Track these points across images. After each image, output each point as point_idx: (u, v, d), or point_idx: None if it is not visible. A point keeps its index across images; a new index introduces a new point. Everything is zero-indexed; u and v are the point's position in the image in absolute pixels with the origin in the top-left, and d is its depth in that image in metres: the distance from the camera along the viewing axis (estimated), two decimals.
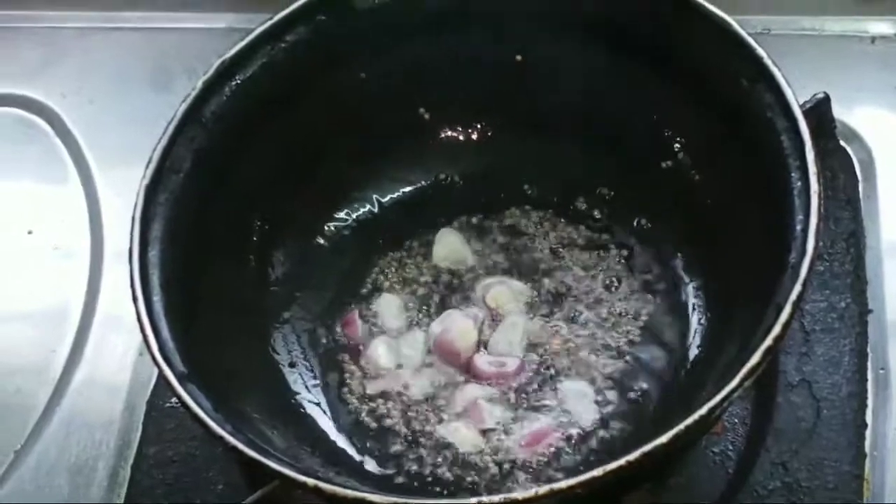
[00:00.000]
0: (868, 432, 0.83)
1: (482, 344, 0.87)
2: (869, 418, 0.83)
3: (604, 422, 0.81)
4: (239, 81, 0.84)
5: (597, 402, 0.82)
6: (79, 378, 0.96)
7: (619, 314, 0.86)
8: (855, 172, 0.95)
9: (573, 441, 0.81)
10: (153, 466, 0.89)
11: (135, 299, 0.75)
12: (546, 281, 0.89)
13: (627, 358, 0.84)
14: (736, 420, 0.84)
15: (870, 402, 0.84)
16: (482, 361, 0.85)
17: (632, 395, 0.82)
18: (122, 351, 0.97)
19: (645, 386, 0.83)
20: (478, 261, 0.91)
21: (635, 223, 0.90)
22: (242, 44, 0.85)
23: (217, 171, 0.83)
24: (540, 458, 0.80)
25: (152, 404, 0.92)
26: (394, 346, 0.87)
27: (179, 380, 0.71)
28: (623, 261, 0.89)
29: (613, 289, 0.88)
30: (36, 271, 1.04)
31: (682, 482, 0.82)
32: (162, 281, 0.76)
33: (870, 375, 0.85)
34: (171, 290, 0.76)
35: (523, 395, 0.84)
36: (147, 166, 0.80)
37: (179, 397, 0.71)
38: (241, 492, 0.84)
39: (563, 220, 0.92)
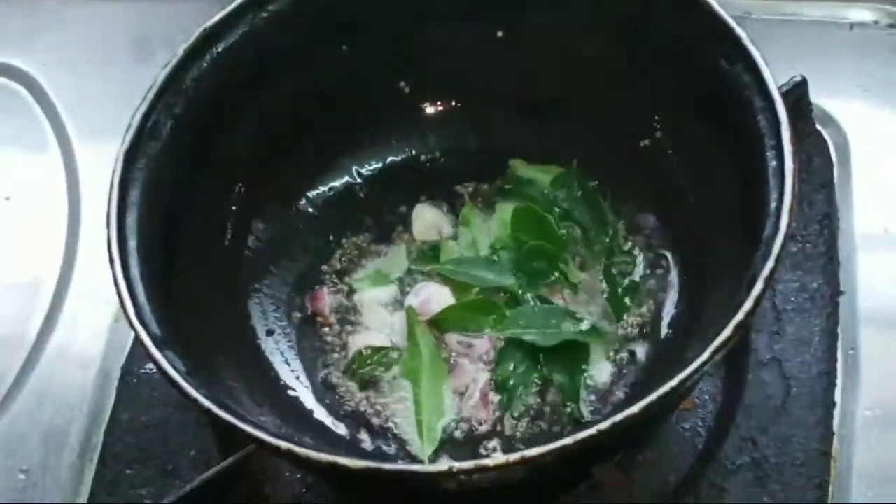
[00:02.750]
0: (837, 411, 0.84)
1: None
2: (838, 397, 0.84)
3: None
4: (220, 50, 0.84)
5: None
6: (53, 345, 0.97)
7: (593, 290, 0.87)
8: (830, 156, 0.96)
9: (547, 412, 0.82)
10: (126, 432, 0.89)
11: (112, 263, 0.74)
12: None
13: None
14: (707, 397, 0.85)
15: (839, 381, 0.85)
16: (452, 341, 0.86)
17: None
18: (97, 318, 0.97)
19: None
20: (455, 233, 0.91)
21: (612, 201, 0.90)
22: (224, 12, 0.85)
23: (197, 139, 0.83)
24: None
25: (126, 371, 0.92)
26: (385, 321, 0.88)
27: (155, 343, 0.71)
28: None
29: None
30: (12, 238, 1.05)
31: (653, 457, 0.83)
32: (139, 246, 0.76)
33: (840, 355, 0.86)
34: (148, 255, 0.76)
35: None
36: (126, 132, 0.80)
37: (155, 360, 0.71)
38: (213, 458, 0.85)
39: None
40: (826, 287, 0.88)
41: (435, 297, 0.87)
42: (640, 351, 0.83)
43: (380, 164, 0.94)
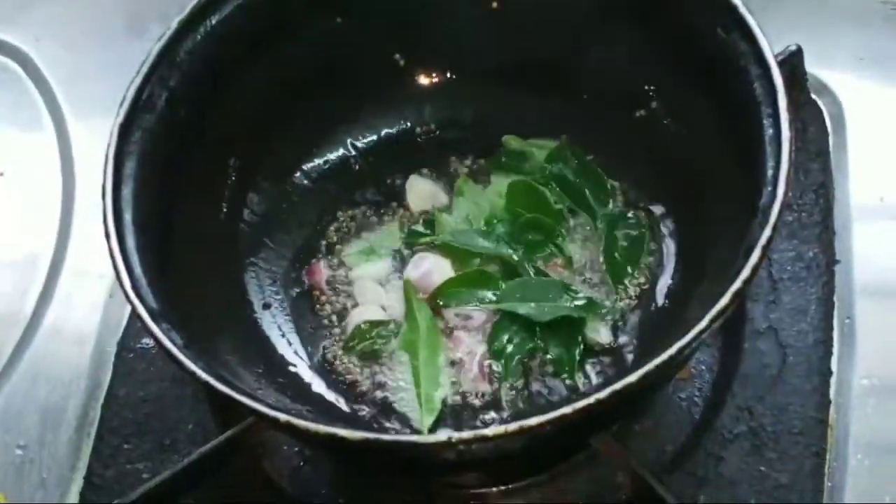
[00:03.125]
0: (833, 380, 0.84)
1: None
2: (834, 366, 0.84)
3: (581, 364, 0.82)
4: (214, 22, 0.84)
5: None
6: (49, 320, 0.97)
7: (591, 261, 0.87)
8: (825, 126, 0.96)
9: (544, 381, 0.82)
10: (123, 406, 0.89)
11: (107, 236, 0.74)
12: None
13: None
14: (703, 367, 0.85)
15: (835, 349, 0.85)
16: (449, 314, 0.86)
17: None
18: (92, 293, 0.97)
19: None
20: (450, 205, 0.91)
21: (609, 170, 0.90)
22: None
23: (191, 112, 0.83)
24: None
25: (123, 345, 0.92)
26: (379, 296, 0.88)
27: (152, 316, 0.71)
28: None
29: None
30: (7, 214, 1.04)
31: (650, 426, 0.83)
32: (135, 219, 0.76)
33: (836, 324, 0.86)
34: (144, 228, 0.76)
35: None
36: (120, 105, 0.79)
37: (152, 333, 0.71)
38: (210, 432, 0.85)
39: None
40: (822, 256, 0.88)
41: (436, 269, 0.87)
42: (638, 320, 0.83)
43: (375, 137, 0.94)
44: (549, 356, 0.83)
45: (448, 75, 0.94)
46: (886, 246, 0.90)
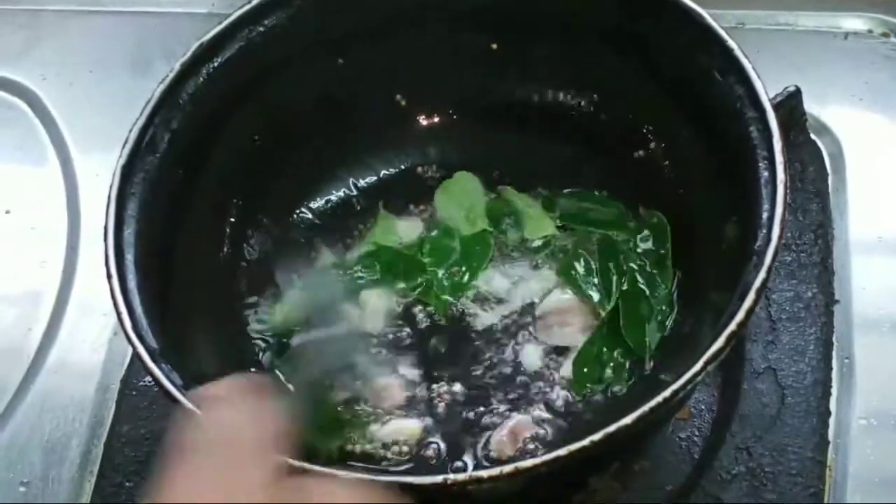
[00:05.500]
0: (832, 420, 0.84)
1: None
2: (833, 406, 0.84)
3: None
4: (216, 64, 0.85)
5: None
6: (54, 357, 0.97)
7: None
8: (825, 165, 0.96)
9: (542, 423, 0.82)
10: (126, 444, 0.89)
11: (109, 277, 0.75)
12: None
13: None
14: (703, 406, 0.85)
15: (834, 390, 0.85)
16: None
17: None
18: (96, 331, 0.97)
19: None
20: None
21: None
22: (220, 27, 0.85)
23: (193, 153, 0.84)
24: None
25: (126, 383, 0.93)
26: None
27: (152, 356, 0.72)
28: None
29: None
30: (13, 251, 1.05)
31: (649, 466, 0.83)
32: (137, 259, 0.77)
33: (835, 364, 0.86)
34: (145, 268, 0.77)
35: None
36: (123, 146, 0.80)
37: (151, 374, 0.71)
38: None
39: None
40: (821, 296, 0.89)
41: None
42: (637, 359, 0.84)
43: (376, 176, 0.95)
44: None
45: (449, 115, 0.95)
46: (885, 285, 0.90)
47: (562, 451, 0.66)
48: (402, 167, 0.95)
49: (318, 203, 0.94)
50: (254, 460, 0.57)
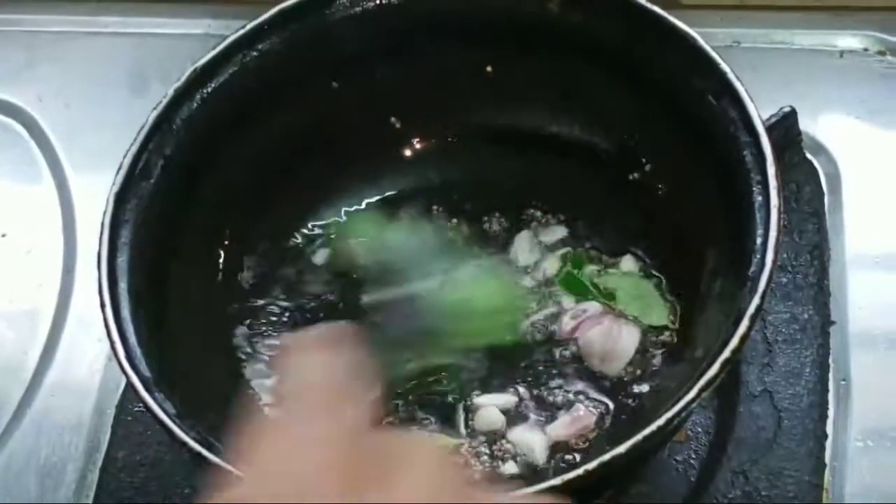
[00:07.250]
0: (828, 443, 0.84)
1: None
2: (829, 429, 0.84)
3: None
4: (210, 89, 0.84)
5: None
6: (50, 380, 0.97)
7: None
8: (821, 185, 0.96)
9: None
10: (121, 469, 0.89)
11: (102, 306, 0.75)
12: None
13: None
14: (699, 429, 0.85)
15: (831, 412, 0.85)
16: None
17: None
18: (92, 354, 0.97)
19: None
20: None
21: (602, 233, 0.90)
22: (214, 52, 0.85)
23: (187, 179, 0.84)
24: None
25: (121, 408, 0.92)
26: None
27: (146, 386, 0.72)
28: None
29: None
30: (9, 274, 1.05)
31: (645, 490, 0.83)
32: (130, 287, 0.77)
33: (831, 386, 0.86)
34: (139, 296, 0.77)
35: None
36: (117, 173, 0.80)
37: (145, 403, 0.71)
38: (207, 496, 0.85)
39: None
40: (817, 317, 0.88)
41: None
42: (635, 387, 0.83)
43: (371, 199, 0.94)
44: None
45: (444, 139, 0.94)
46: (882, 306, 0.90)
47: (555, 481, 0.66)
48: (398, 190, 0.95)
49: (311, 228, 0.93)
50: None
